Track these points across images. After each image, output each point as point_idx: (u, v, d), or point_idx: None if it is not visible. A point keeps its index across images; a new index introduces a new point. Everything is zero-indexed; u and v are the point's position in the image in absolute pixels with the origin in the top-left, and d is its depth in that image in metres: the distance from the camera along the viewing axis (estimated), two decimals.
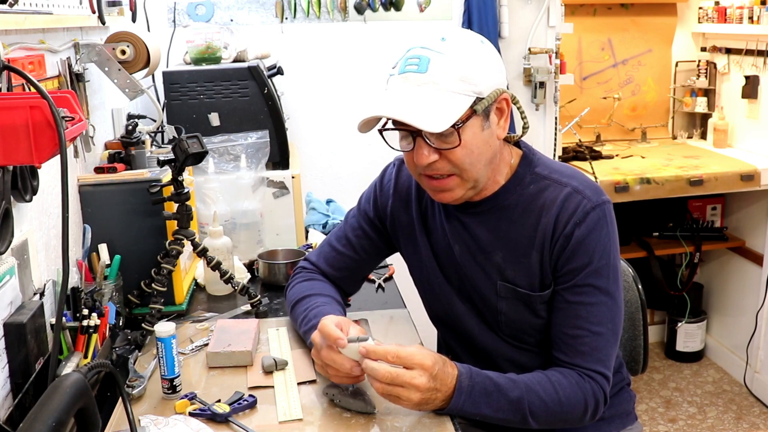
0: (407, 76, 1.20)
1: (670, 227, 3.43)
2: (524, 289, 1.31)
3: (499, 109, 1.26)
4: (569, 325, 1.28)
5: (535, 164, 1.34)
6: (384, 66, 2.74)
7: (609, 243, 1.27)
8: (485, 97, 1.21)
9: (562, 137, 3.19)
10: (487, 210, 1.33)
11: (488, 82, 1.21)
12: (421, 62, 1.19)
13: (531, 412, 1.21)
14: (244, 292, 1.69)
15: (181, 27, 2.63)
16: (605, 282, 1.27)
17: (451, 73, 1.18)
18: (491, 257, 1.33)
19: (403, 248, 1.49)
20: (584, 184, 1.30)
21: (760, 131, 3.24)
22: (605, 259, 1.27)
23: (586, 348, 1.27)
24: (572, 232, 1.25)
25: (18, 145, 1.01)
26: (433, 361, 1.15)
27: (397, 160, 1.51)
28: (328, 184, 2.87)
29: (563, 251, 1.26)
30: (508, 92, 1.27)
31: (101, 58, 1.70)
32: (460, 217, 1.36)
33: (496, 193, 1.33)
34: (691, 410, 3.15)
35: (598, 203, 1.27)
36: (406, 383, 1.13)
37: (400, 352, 1.14)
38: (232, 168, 1.99)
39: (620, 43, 3.60)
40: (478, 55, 1.21)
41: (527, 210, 1.30)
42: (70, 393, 0.84)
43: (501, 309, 1.35)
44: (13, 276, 1.18)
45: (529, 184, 1.32)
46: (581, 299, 1.27)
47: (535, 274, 1.30)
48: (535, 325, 1.34)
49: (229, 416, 1.20)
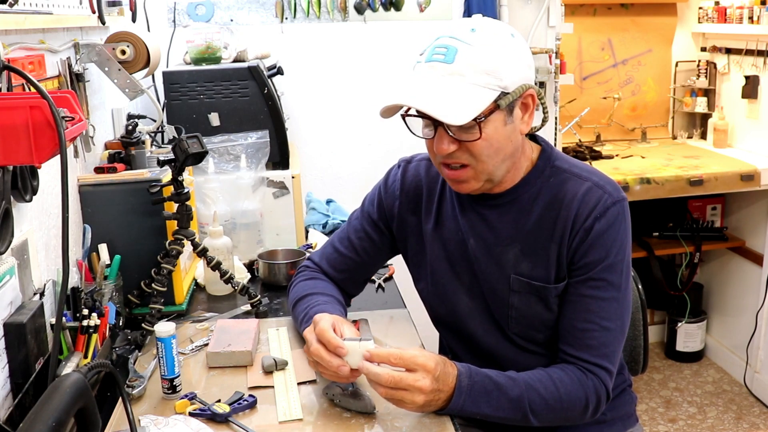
0: (433, 65, 1.19)
1: (670, 227, 3.43)
2: (539, 281, 1.31)
3: (524, 105, 1.26)
4: (579, 319, 1.28)
5: (555, 158, 1.35)
6: (384, 66, 2.77)
7: (625, 239, 1.29)
8: (510, 92, 1.21)
9: (562, 137, 3.19)
10: (508, 202, 1.34)
11: (515, 76, 1.20)
12: (449, 52, 1.18)
13: (531, 410, 1.21)
14: (244, 292, 1.68)
15: (181, 27, 2.63)
16: (618, 278, 1.28)
17: (477, 65, 1.17)
18: (507, 250, 1.34)
19: (409, 249, 1.48)
20: (604, 179, 1.31)
21: (760, 131, 3.23)
22: (621, 255, 1.28)
23: (594, 342, 1.27)
24: (592, 226, 1.26)
25: (18, 145, 1.01)
26: (435, 363, 1.15)
27: (402, 162, 1.50)
28: (328, 184, 2.87)
29: (581, 244, 1.27)
30: (535, 87, 1.27)
31: (101, 58, 1.70)
32: (478, 210, 1.37)
33: (516, 186, 1.33)
34: (691, 410, 3.15)
35: (618, 199, 1.28)
36: (410, 386, 1.13)
37: (403, 354, 1.15)
38: (232, 168, 1.99)
39: (620, 43, 3.60)
40: (506, 49, 1.20)
41: (547, 202, 1.31)
42: (70, 393, 0.84)
43: (513, 303, 1.35)
44: (13, 276, 1.18)
45: (549, 177, 1.33)
46: (594, 293, 1.28)
47: (552, 267, 1.30)
48: (546, 321, 1.34)
49: (229, 416, 1.20)
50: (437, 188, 1.43)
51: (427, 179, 1.45)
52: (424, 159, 1.47)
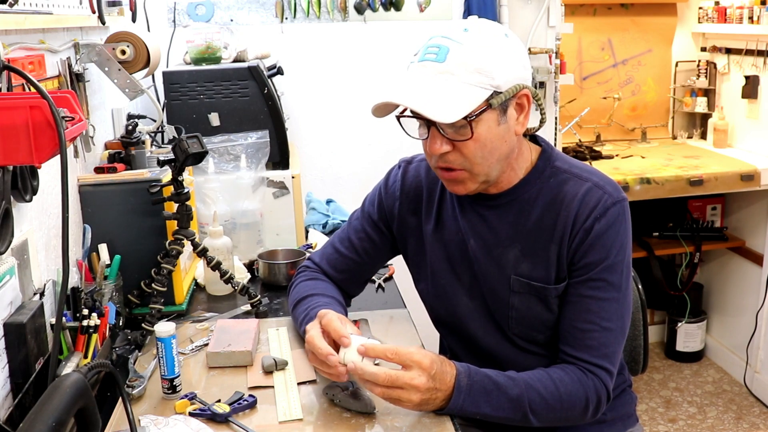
0: (425, 65, 1.20)
1: (670, 227, 3.43)
2: (539, 282, 1.31)
3: (519, 105, 1.25)
4: (580, 319, 1.28)
5: (555, 158, 1.35)
6: (384, 66, 2.77)
7: (626, 240, 1.29)
8: (503, 92, 1.20)
9: (562, 137, 3.19)
10: (507, 203, 1.34)
11: (507, 76, 1.20)
12: (440, 51, 1.19)
13: (532, 410, 1.21)
14: (244, 292, 1.68)
15: (181, 27, 2.63)
16: (618, 278, 1.28)
17: (468, 64, 1.18)
18: (507, 250, 1.34)
19: (410, 250, 1.48)
20: (604, 180, 1.31)
21: (760, 131, 3.23)
22: (621, 256, 1.28)
23: (594, 342, 1.27)
24: (592, 226, 1.26)
25: (18, 145, 1.01)
26: (431, 361, 1.15)
27: (402, 162, 1.51)
28: (328, 184, 2.87)
29: (581, 244, 1.27)
30: (530, 88, 1.26)
31: (101, 58, 1.70)
32: (478, 211, 1.37)
33: (516, 186, 1.33)
34: (691, 410, 3.15)
35: (618, 199, 1.28)
36: (406, 384, 1.13)
37: (399, 350, 1.15)
38: (232, 168, 1.99)
39: (620, 43, 3.60)
40: (499, 48, 1.20)
41: (547, 203, 1.31)
42: (70, 393, 0.84)
43: (513, 304, 1.34)
44: (13, 276, 1.18)
45: (549, 177, 1.32)
46: (594, 293, 1.28)
47: (552, 267, 1.30)
48: (546, 321, 1.34)
49: (229, 416, 1.20)
50: (437, 189, 1.43)
51: (427, 180, 1.45)
52: (425, 159, 1.46)
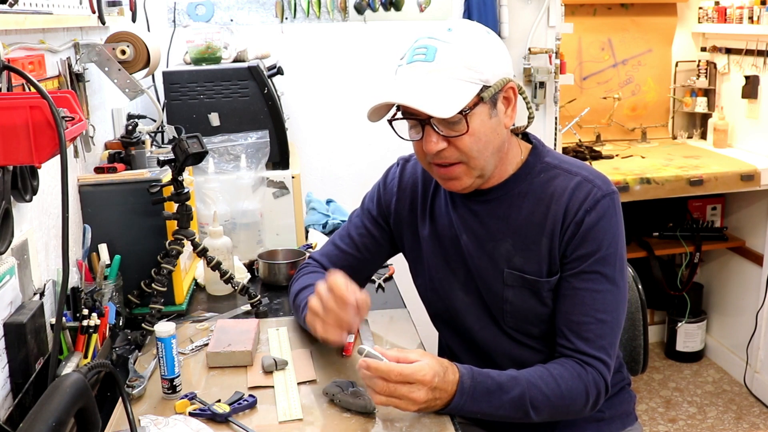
0: (415, 65, 1.22)
1: (670, 227, 3.43)
2: (532, 275, 1.32)
3: (506, 98, 1.28)
4: (575, 312, 1.29)
5: (545, 155, 1.37)
6: (384, 66, 2.77)
7: (617, 232, 1.30)
8: (492, 86, 1.23)
9: (562, 137, 3.19)
10: (497, 198, 1.35)
11: (494, 70, 1.23)
12: (429, 51, 1.21)
13: (533, 407, 1.22)
14: (244, 292, 1.69)
15: (181, 27, 2.63)
16: (612, 270, 1.29)
17: (457, 61, 1.20)
18: (499, 245, 1.35)
19: (406, 245, 1.50)
20: (594, 174, 1.32)
21: (760, 131, 3.23)
22: (613, 248, 1.29)
23: (591, 335, 1.28)
24: (582, 219, 1.27)
25: (18, 145, 1.01)
26: (434, 375, 1.15)
27: (401, 160, 1.53)
28: (328, 184, 2.87)
29: (573, 237, 1.28)
30: (515, 82, 1.29)
31: (101, 58, 1.70)
32: (469, 206, 1.38)
33: (506, 181, 1.35)
34: (691, 410, 3.15)
35: (608, 192, 1.30)
36: (404, 396, 1.14)
37: (404, 370, 1.13)
38: (232, 168, 1.99)
39: (620, 43, 3.60)
40: (484, 44, 1.24)
41: (537, 197, 1.32)
42: (70, 393, 0.84)
43: (507, 298, 1.35)
44: (13, 276, 1.18)
45: (540, 173, 1.34)
46: (588, 286, 1.28)
47: (544, 261, 1.31)
48: (540, 315, 1.34)
49: (229, 416, 1.20)
50: (431, 186, 1.45)
51: (423, 178, 1.47)
52: None
